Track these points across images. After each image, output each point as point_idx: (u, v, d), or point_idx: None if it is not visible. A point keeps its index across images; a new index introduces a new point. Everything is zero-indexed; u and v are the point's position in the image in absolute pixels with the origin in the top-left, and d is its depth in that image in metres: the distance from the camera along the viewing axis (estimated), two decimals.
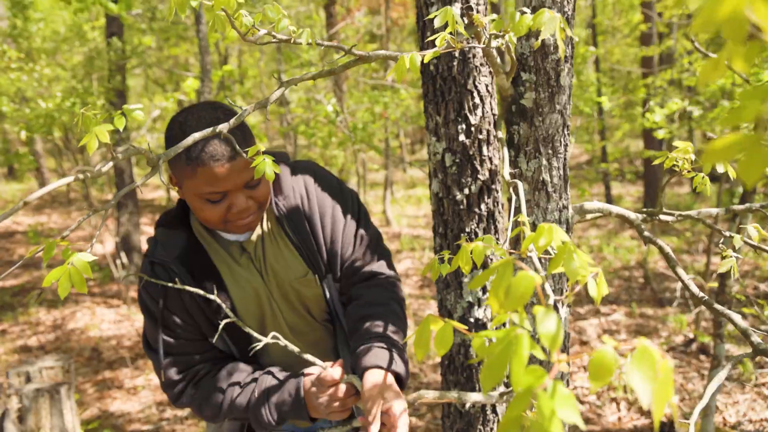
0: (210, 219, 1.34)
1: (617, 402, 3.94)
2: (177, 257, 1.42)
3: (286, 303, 1.52)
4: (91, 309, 5.89)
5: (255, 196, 1.35)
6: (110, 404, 4.07)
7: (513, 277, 0.56)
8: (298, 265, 1.48)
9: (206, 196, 1.29)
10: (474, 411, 1.66)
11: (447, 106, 1.45)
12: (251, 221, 1.37)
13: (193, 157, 1.25)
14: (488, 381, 0.51)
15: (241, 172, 1.28)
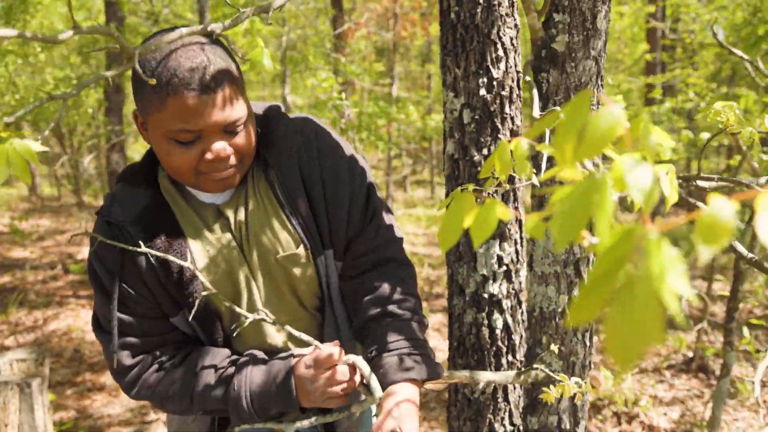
0: (179, 167, 1.09)
1: (618, 416, 3.81)
2: (135, 218, 1.16)
3: (269, 282, 1.24)
4: (75, 311, 5.70)
5: (236, 144, 1.10)
6: (89, 406, 3.89)
7: (590, 115, 0.44)
8: (288, 236, 1.21)
9: (176, 135, 1.05)
10: (484, 398, 1.52)
11: (468, 58, 1.34)
12: (229, 176, 1.12)
13: (163, 82, 1.00)
14: (563, 233, 0.38)
15: (220, 109, 1.04)
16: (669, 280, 0.33)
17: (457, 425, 1.57)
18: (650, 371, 4.47)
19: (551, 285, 1.28)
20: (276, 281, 1.24)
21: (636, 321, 0.31)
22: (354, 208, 1.24)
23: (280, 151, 1.20)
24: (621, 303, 0.32)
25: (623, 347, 0.31)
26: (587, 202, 0.38)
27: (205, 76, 1.01)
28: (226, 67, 1.05)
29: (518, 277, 1.46)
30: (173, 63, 1.01)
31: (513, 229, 1.43)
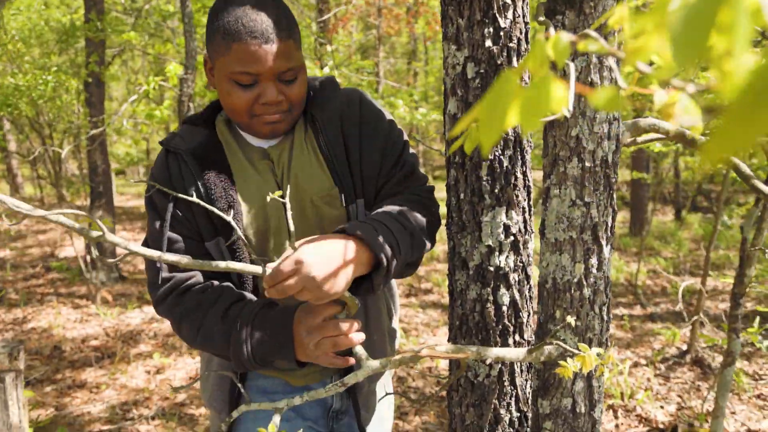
0: (237, 106, 1.24)
1: (614, 409, 3.73)
2: (192, 149, 1.32)
3: (300, 221, 1.34)
4: (56, 309, 5.54)
5: (288, 92, 1.25)
6: (69, 403, 3.73)
7: None
8: (325, 179, 1.34)
9: (236, 77, 1.20)
10: (488, 382, 1.40)
11: (472, 5, 1.22)
12: (279, 120, 1.27)
13: (230, 30, 1.17)
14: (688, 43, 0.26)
15: (277, 58, 1.19)
16: None
17: (458, 412, 1.45)
18: (645, 365, 4.39)
19: (566, 253, 1.16)
20: (307, 220, 1.35)
21: None
22: (387, 160, 1.37)
23: (326, 109, 1.36)
24: None
25: None
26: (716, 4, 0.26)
27: (267, 28, 1.16)
28: (286, 24, 1.20)
29: (526, 249, 1.35)
30: (241, 14, 1.17)
31: (521, 196, 1.31)
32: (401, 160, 1.39)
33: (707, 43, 0.25)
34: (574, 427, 1.24)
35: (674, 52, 0.26)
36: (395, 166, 1.39)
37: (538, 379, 1.27)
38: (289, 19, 1.22)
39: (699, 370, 4.34)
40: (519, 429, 1.41)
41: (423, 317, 5.45)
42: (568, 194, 1.13)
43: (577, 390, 1.23)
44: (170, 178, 1.31)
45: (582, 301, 1.17)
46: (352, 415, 1.52)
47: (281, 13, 1.20)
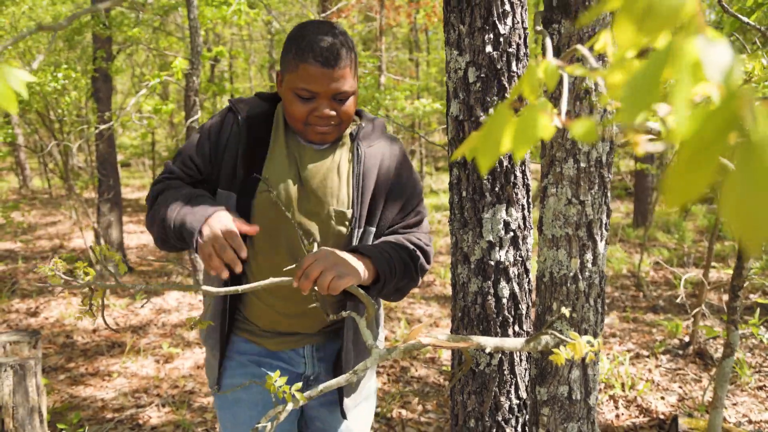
0: (295, 115, 1.43)
1: (615, 400, 3.79)
2: (247, 117, 1.53)
3: (310, 221, 1.51)
4: (66, 299, 5.63)
5: (339, 109, 1.43)
6: (82, 391, 3.83)
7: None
8: (346, 199, 1.51)
9: (299, 91, 1.39)
10: (489, 371, 1.47)
11: (473, 13, 1.28)
12: (328, 131, 1.45)
13: (301, 52, 1.37)
14: (634, 104, 0.33)
15: (336, 81, 1.38)
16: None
17: (460, 399, 1.52)
18: (647, 356, 4.45)
19: (562, 248, 1.23)
20: (319, 221, 1.51)
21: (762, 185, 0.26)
22: (403, 211, 1.55)
23: (373, 145, 1.54)
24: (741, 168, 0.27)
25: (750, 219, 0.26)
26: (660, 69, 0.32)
27: (331, 56, 1.36)
28: (347, 53, 1.39)
29: (525, 244, 1.41)
30: (312, 40, 1.37)
31: (520, 194, 1.38)
32: (413, 212, 1.57)
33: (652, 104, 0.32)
34: (570, 413, 1.31)
35: (623, 111, 0.32)
36: (407, 216, 1.57)
37: (536, 368, 1.34)
38: (351, 50, 1.42)
39: (701, 361, 4.39)
40: (518, 415, 1.48)
41: (426, 309, 5.52)
42: (564, 193, 1.20)
43: (573, 378, 1.29)
44: (221, 127, 1.54)
45: (578, 293, 1.24)
46: (321, 380, 1.67)
47: (345, 44, 1.39)
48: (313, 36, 1.38)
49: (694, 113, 0.32)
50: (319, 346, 1.64)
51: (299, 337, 1.62)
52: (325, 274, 1.25)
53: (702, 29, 0.37)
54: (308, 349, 1.64)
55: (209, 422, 3.43)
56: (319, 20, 1.45)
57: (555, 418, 1.32)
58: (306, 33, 1.40)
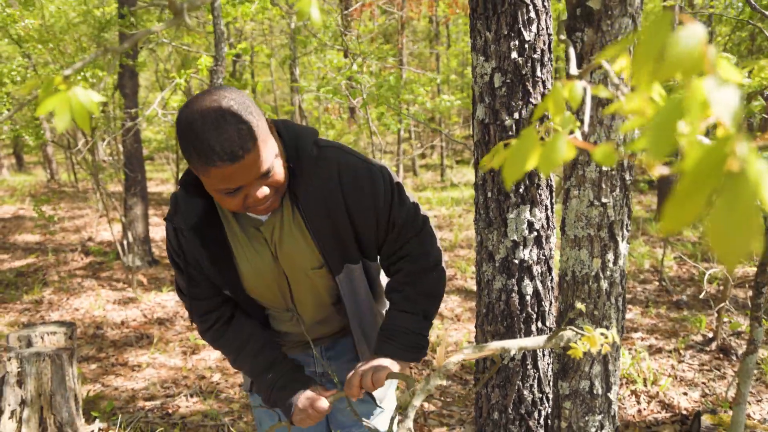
0: (230, 208, 1.37)
1: (637, 395, 3.80)
2: (192, 227, 1.47)
3: (297, 287, 1.57)
4: (95, 290, 5.77)
5: (270, 183, 1.35)
6: (113, 380, 3.95)
7: (671, 33, 0.43)
8: (312, 255, 1.50)
9: (221, 192, 1.31)
10: (513, 365, 1.52)
11: (499, 20, 1.33)
12: (270, 204, 1.38)
13: (202, 156, 1.25)
14: (659, 147, 0.38)
15: (252, 167, 1.28)
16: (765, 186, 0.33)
17: (485, 392, 1.57)
18: (669, 351, 4.46)
19: (584, 248, 1.27)
20: (304, 287, 1.57)
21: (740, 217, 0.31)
22: (380, 227, 1.49)
23: (307, 185, 1.44)
24: (725, 201, 0.32)
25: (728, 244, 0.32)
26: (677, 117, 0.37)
27: (234, 148, 1.23)
28: (248, 131, 1.25)
29: (548, 243, 1.46)
30: (207, 138, 1.23)
31: (543, 194, 1.42)
32: (391, 220, 1.49)
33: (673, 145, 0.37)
34: (592, 407, 1.36)
35: (650, 152, 0.37)
36: (388, 227, 1.50)
37: (558, 363, 1.38)
38: (248, 120, 1.27)
39: (724, 357, 4.38)
40: (540, 408, 1.53)
41: (447, 303, 5.57)
42: (586, 195, 1.24)
43: (594, 373, 1.34)
44: (180, 246, 1.51)
45: (599, 292, 1.28)
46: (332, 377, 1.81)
47: (240, 119, 1.25)
48: (206, 132, 1.24)
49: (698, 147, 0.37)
50: (328, 346, 1.75)
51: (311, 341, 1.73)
52: (365, 377, 1.41)
53: (711, 70, 0.41)
54: (318, 350, 1.75)
55: (236, 412, 3.52)
56: (200, 101, 1.28)
57: (576, 411, 1.37)
58: (197, 131, 1.24)
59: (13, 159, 17.21)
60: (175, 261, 1.55)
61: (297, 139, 1.47)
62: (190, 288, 1.58)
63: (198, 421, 3.41)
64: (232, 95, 1.29)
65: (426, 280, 1.53)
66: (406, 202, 1.51)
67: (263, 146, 1.29)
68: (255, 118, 1.29)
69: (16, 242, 7.89)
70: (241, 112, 1.27)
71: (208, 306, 1.60)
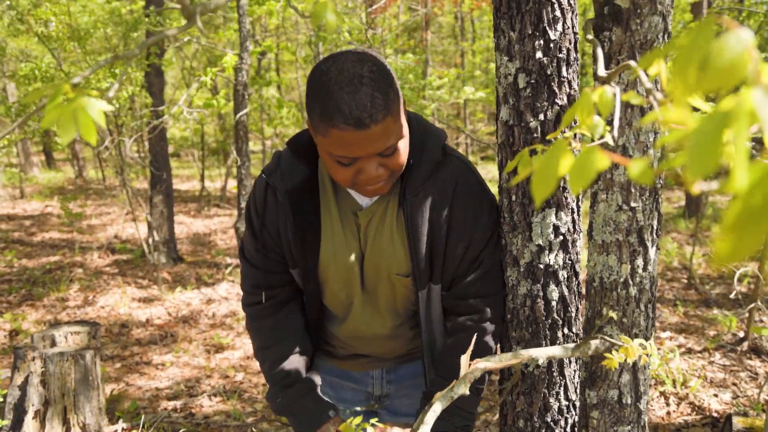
0: (339, 179, 1.28)
1: (666, 396, 3.73)
2: (288, 191, 1.38)
3: (375, 291, 1.48)
4: (121, 288, 5.84)
5: (388, 164, 1.25)
6: (137, 379, 3.98)
7: (715, 40, 0.39)
8: (402, 260, 1.41)
9: (336, 158, 1.22)
10: (538, 372, 1.49)
11: (523, 19, 1.29)
12: (381, 187, 1.29)
13: (327, 114, 1.16)
14: (701, 164, 0.34)
15: (376, 140, 1.18)
16: None
17: (510, 399, 1.54)
18: (699, 351, 4.37)
19: (612, 254, 1.23)
20: (383, 292, 1.47)
21: None
22: (467, 255, 1.40)
23: (419, 190, 1.35)
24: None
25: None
26: (721, 131, 0.34)
27: (363, 114, 1.13)
28: (382, 101, 1.16)
29: (575, 248, 1.41)
30: (337, 98, 1.14)
31: (570, 198, 1.38)
32: (480, 258, 1.42)
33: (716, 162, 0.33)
34: (620, 417, 1.32)
35: (690, 169, 0.34)
36: (473, 264, 1.42)
37: (586, 371, 1.34)
38: (388, 89, 1.18)
39: (756, 357, 4.28)
40: (567, 416, 1.49)
41: None
42: (614, 199, 1.20)
43: (623, 382, 1.30)
44: (265, 207, 1.42)
45: (628, 299, 1.24)
46: (392, 398, 1.69)
47: (379, 86, 1.16)
48: (338, 90, 1.15)
49: (752, 169, 0.33)
50: (390, 369, 1.65)
51: (371, 359, 1.63)
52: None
53: (758, 81, 0.38)
54: (378, 372, 1.65)
55: (259, 413, 3.53)
56: (342, 57, 1.19)
57: (605, 421, 1.33)
58: (328, 86, 1.15)
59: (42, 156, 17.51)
60: (251, 219, 1.45)
61: (425, 136, 1.38)
62: (256, 253, 1.47)
63: (221, 422, 3.42)
64: (376, 62, 1.20)
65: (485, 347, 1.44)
66: (497, 245, 1.45)
67: (393, 122, 1.20)
68: (393, 90, 1.20)
69: (44, 239, 8.01)
70: (380, 80, 1.17)
71: (266, 280, 1.49)
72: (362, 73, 1.15)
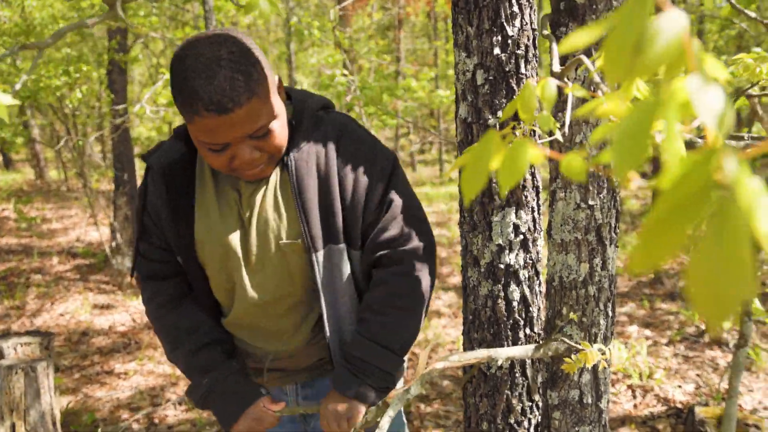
0: (215, 167, 1.21)
1: (633, 389, 3.77)
2: (163, 167, 1.31)
3: (265, 264, 1.35)
4: (82, 294, 5.69)
5: (263, 146, 1.19)
6: (97, 390, 3.86)
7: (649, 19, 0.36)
8: (290, 225, 1.31)
9: (206, 145, 1.16)
10: (501, 374, 1.47)
11: (480, 15, 1.26)
12: (260, 172, 1.23)
13: (187, 103, 1.10)
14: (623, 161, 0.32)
15: (242, 124, 1.12)
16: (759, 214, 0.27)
17: (473, 402, 1.51)
18: (665, 344, 4.43)
19: (571, 253, 1.22)
20: (272, 264, 1.34)
21: (730, 262, 0.25)
22: (369, 206, 1.31)
23: (302, 149, 1.28)
24: (711, 240, 0.26)
25: (714, 298, 0.25)
26: (649, 123, 0.31)
27: (223, 98, 1.08)
28: (244, 82, 1.09)
29: (536, 247, 1.40)
30: (195, 85, 1.08)
31: (530, 196, 1.36)
32: (387, 200, 1.33)
33: (643, 157, 0.31)
34: (582, 417, 1.30)
35: (615, 166, 0.31)
36: (380, 207, 1.32)
37: (547, 372, 1.33)
38: (248, 72, 1.11)
39: (718, 348, 4.37)
40: (530, 417, 1.48)
41: (445, 299, 5.52)
42: (573, 197, 1.18)
43: (583, 382, 1.28)
44: (146, 191, 1.35)
45: (587, 298, 1.23)
46: (317, 417, 1.57)
47: (238, 68, 1.10)
48: (195, 77, 1.08)
49: (682, 161, 0.31)
50: (305, 384, 1.53)
51: (283, 374, 1.52)
52: (341, 424, 1.31)
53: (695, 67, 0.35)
54: (292, 388, 1.54)
55: None
56: (199, 42, 1.13)
57: (566, 422, 1.31)
58: (186, 73, 1.09)
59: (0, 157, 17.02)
60: (137, 206, 1.37)
61: (305, 101, 1.33)
62: (142, 242, 1.38)
63: (185, 431, 3.34)
64: (237, 42, 1.13)
65: (411, 300, 1.34)
66: (406, 190, 1.36)
67: (260, 104, 1.13)
68: (257, 70, 1.13)
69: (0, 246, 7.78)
70: (241, 60, 1.11)
71: (155, 270, 1.40)
72: (220, 55, 1.09)
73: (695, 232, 0.28)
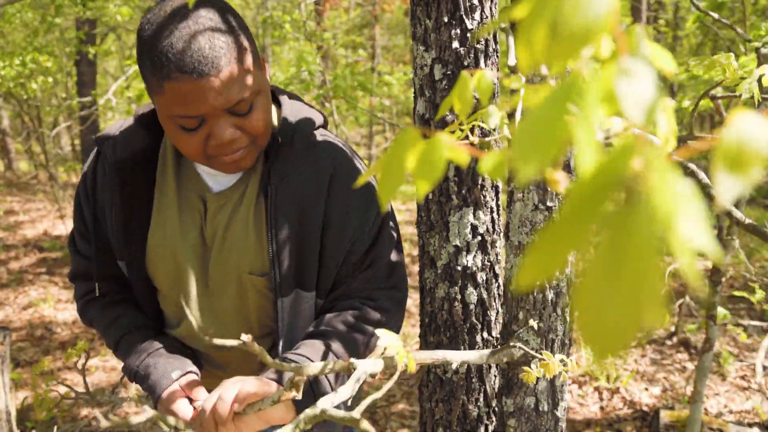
0: (187, 152, 1.02)
1: (600, 392, 3.77)
2: (118, 161, 1.11)
3: (221, 298, 1.18)
4: (47, 289, 5.55)
5: (245, 125, 1.01)
6: (58, 386, 3.77)
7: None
8: (257, 257, 1.13)
9: (178, 120, 0.98)
10: (457, 378, 1.42)
11: (439, 7, 1.21)
12: (242, 158, 1.04)
13: (158, 66, 0.93)
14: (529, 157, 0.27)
15: (221, 91, 0.94)
16: (681, 223, 0.22)
17: (429, 407, 1.47)
18: (633, 347, 4.44)
19: None
20: (229, 299, 1.18)
21: (628, 282, 0.20)
22: (352, 254, 1.15)
23: (288, 170, 1.10)
24: (607, 253, 0.21)
25: (604, 326, 0.20)
26: (559, 112, 0.26)
27: (200, 58, 0.92)
28: (226, 43, 0.95)
29: (494, 249, 1.36)
30: (167, 45, 0.92)
31: (489, 196, 1.32)
32: (370, 258, 1.17)
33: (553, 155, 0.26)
34: (537, 424, 1.26)
35: (520, 165, 0.26)
36: (360, 265, 1.17)
37: (503, 378, 1.29)
38: (231, 34, 0.97)
39: (685, 351, 4.40)
40: (487, 423, 1.44)
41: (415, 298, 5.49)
42: (531, 199, 1.14)
43: (540, 389, 1.25)
44: (95, 180, 1.18)
45: (545, 303, 1.19)
46: None
47: (219, 29, 0.95)
48: (168, 35, 0.93)
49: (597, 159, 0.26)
50: None
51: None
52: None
53: (626, 49, 0.31)
54: None
55: None
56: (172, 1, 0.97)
57: (522, 429, 1.27)
58: (157, 34, 0.93)
59: None
60: (78, 194, 1.20)
61: (299, 115, 1.15)
62: (79, 237, 1.23)
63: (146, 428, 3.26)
64: (219, 3, 0.99)
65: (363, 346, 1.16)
66: (391, 243, 1.20)
67: (243, 72, 0.97)
68: (240, 37, 0.98)
69: None
70: (222, 23, 0.96)
71: (91, 271, 1.23)
72: (198, 14, 0.95)
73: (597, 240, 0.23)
